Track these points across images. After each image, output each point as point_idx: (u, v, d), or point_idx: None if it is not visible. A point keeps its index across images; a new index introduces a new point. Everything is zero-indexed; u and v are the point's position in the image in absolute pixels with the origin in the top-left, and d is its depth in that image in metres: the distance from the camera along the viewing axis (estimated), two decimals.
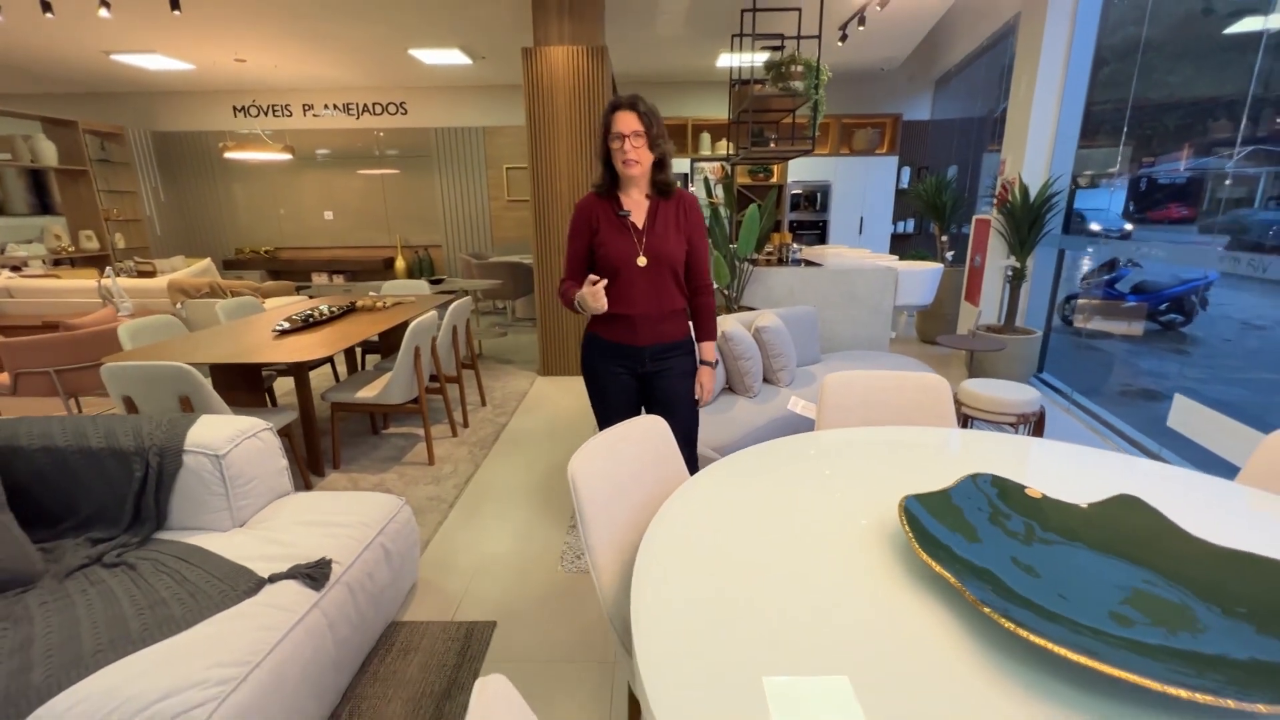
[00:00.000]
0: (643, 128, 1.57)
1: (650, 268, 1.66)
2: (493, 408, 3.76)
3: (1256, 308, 4.03)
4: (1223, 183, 3.45)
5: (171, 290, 4.51)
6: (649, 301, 1.67)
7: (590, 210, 1.69)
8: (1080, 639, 0.70)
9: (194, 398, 2.13)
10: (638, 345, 1.71)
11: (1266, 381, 3.65)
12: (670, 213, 1.69)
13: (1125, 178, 4.01)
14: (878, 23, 4.80)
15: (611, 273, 1.65)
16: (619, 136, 1.58)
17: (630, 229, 1.66)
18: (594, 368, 1.78)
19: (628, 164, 1.59)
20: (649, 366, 1.74)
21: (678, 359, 1.77)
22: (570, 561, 2.13)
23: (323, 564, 1.48)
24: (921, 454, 1.32)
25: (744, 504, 1.11)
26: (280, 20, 4.75)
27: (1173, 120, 3.78)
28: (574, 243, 1.73)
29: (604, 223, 1.67)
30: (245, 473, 1.70)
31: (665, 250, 1.66)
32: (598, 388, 1.78)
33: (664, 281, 1.68)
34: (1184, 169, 3.73)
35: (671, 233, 1.67)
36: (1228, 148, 3.43)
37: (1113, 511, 0.99)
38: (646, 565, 0.91)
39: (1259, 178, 3.32)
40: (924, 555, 0.86)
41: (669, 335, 1.74)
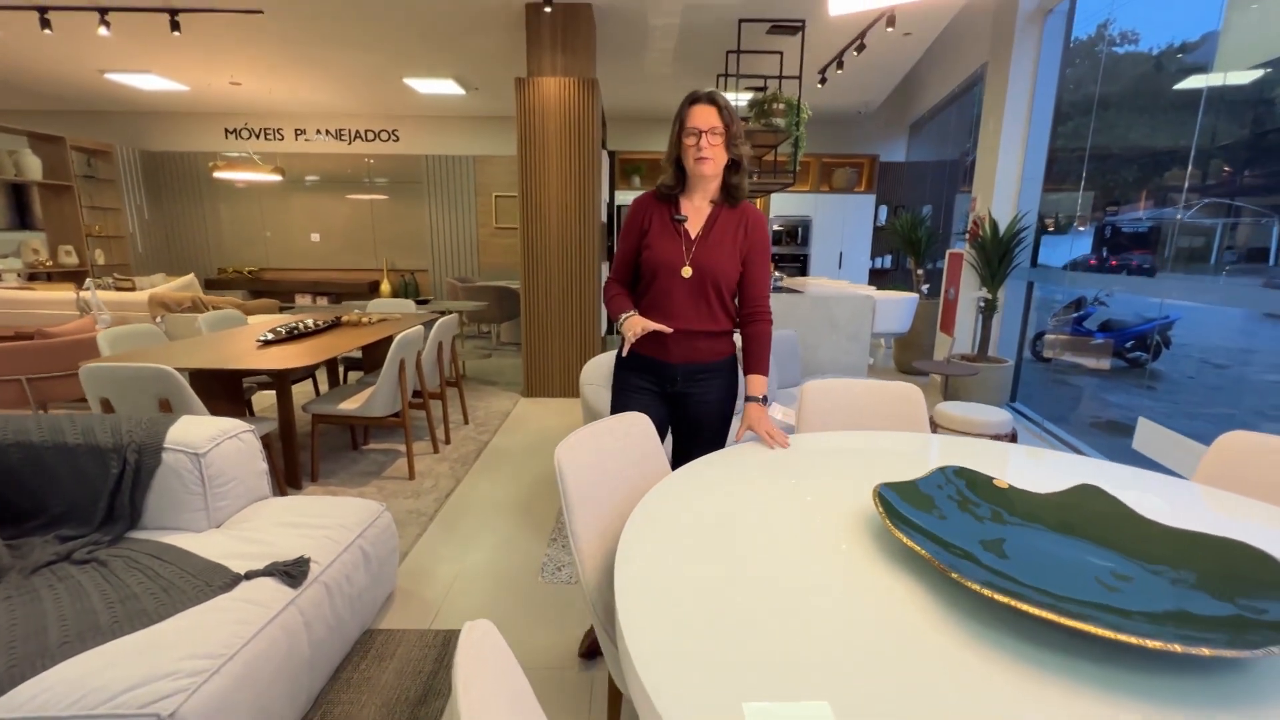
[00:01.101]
0: (722, 124, 1.43)
1: (694, 280, 1.50)
2: (475, 426, 3.74)
3: (1216, 348, 4.22)
4: (1178, 233, 3.66)
5: (152, 304, 4.46)
6: (686, 316, 1.51)
7: (645, 209, 1.57)
8: (1047, 600, 0.74)
9: (174, 400, 2.11)
10: (668, 362, 1.56)
11: (1226, 415, 3.80)
12: (730, 225, 1.53)
13: (1090, 225, 4.24)
14: (855, 67, 5.07)
15: (651, 278, 1.53)
16: (694, 132, 1.42)
17: (682, 235, 1.52)
18: (623, 381, 1.63)
19: (700, 162, 1.44)
20: (680, 387, 1.58)
21: (712, 382, 1.59)
22: (551, 573, 2.11)
23: (301, 562, 1.46)
24: (897, 454, 1.37)
25: (725, 494, 1.14)
26: (280, 45, 4.86)
27: (1130, 172, 4.04)
28: (624, 241, 1.60)
29: (656, 224, 1.54)
30: (225, 473, 1.68)
31: (714, 264, 1.50)
32: (619, 399, 1.64)
33: (706, 298, 1.52)
34: (1144, 218, 3.97)
35: (726, 247, 1.52)
36: (1178, 193, 3.66)
37: (1075, 499, 1.04)
38: (630, 542, 0.94)
39: (1215, 228, 3.53)
40: (897, 532, 0.90)
41: (705, 355, 1.57)
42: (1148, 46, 3.83)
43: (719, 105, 1.43)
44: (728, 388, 1.62)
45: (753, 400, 1.53)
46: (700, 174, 1.48)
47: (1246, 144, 3.20)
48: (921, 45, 4.72)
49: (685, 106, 1.45)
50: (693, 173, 1.49)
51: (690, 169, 1.48)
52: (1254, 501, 1.13)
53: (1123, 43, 4.03)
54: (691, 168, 1.47)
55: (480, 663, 0.54)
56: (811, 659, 0.69)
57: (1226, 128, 3.19)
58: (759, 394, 1.53)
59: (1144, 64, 3.88)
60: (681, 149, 1.47)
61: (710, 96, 1.44)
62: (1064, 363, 4.79)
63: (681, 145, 1.47)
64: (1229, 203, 3.31)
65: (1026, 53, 4.03)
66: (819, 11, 4.13)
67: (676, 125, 1.47)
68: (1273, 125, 3.04)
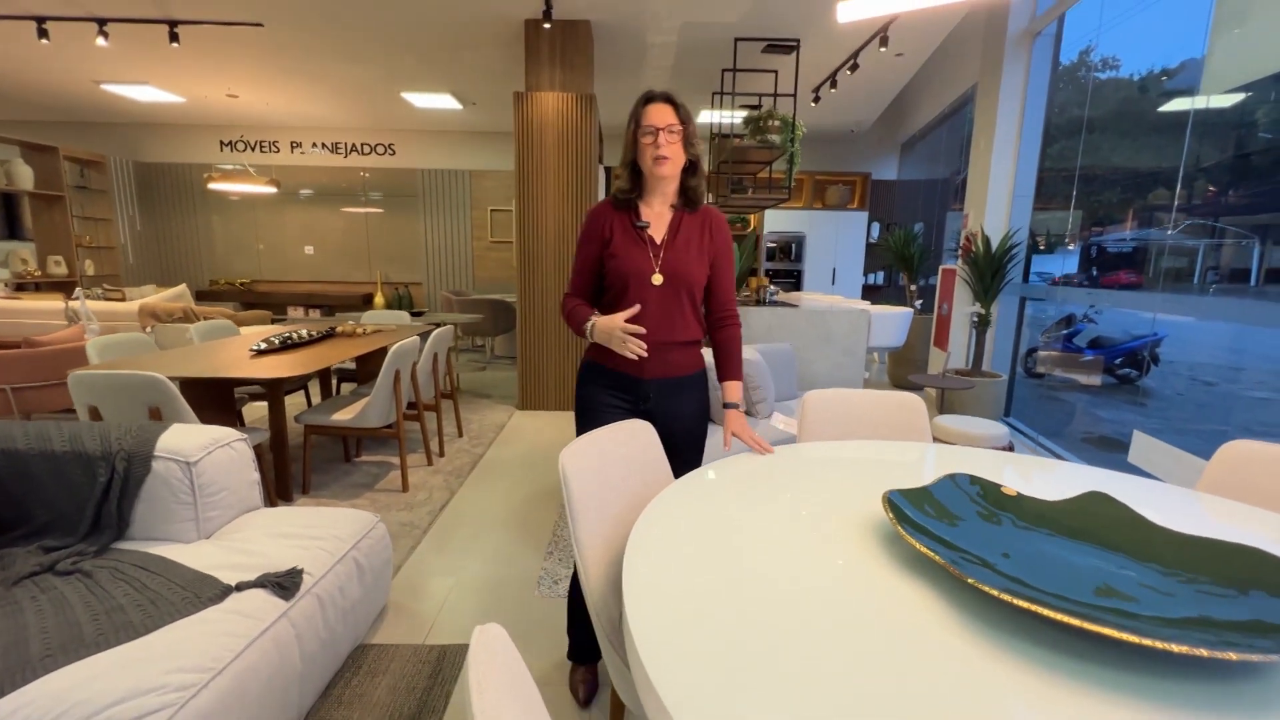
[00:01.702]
0: (679, 122, 1.37)
1: (666, 288, 1.43)
2: (469, 438, 3.70)
3: (1202, 365, 4.28)
4: (1164, 252, 3.74)
5: (142, 314, 4.41)
6: (659, 327, 1.43)
7: (604, 217, 1.48)
8: (1065, 605, 0.73)
9: (165, 409, 2.07)
10: (642, 378, 1.46)
11: (1215, 432, 3.84)
12: (694, 229, 1.48)
13: (1077, 244, 4.32)
14: (848, 87, 5.16)
15: (621, 289, 1.44)
16: (651, 131, 1.36)
17: (647, 242, 1.45)
18: (590, 399, 1.51)
19: (659, 162, 1.37)
20: (652, 403, 1.48)
21: (686, 397, 1.51)
22: (548, 586, 2.08)
23: (293, 573, 1.43)
24: (901, 463, 1.36)
25: (731, 501, 1.12)
26: (279, 58, 4.89)
27: (1114, 193, 4.12)
28: (582, 250, 1.51)
29: (618, 232, 1.46)
30: (216, 482, 1.65)
31: (685, 270, 1.44)
32: (590, 422, 1.48)
33: (679, 305, 1.45)
34: (1129, 238, 4.05)
35: (694, 251, 1.46)
36: (1162, 213, 3.73)
37: (1084, 506, 1.03)
38: (637, 550, 0.92)
39: (1197, 249, 3.61)
40: (910, 539, 0.88)
41: (678, 368, 1.49)
42: (1130, 72, 3.94)
43: (675, 104, 1.39)
44: (701, 403, 1.55)
45: (733, 407, 1.51)
46: (659, 174, 1.41)
47: (1229, 166, 3.27)
48: (913, 66, 4.81)
49: (640, 105, 1.40)
50: (651, 174, 1.42)
51: (648, 170, 1.41)
52: (1260, 510, 1.13)
53: (1104, 68, 4.14)
54: (650, 168, 1.40)
55: (493, 666, 0.52)
56: (833, 670, 0.67)
57: (1210, 150, 3.27)
58: (737, 400, 1.52)
59: (1126, 89, 3.98)
60: (638, 149, 1.41)
61: (666, 95, 1.39)
62: (1055, 378, 4.83)
63: (638, 145, 1.40)
64: (1213, 224, 3.38)
65: (1016, 73, 4.12)
66: (813, 31, 4.21)
67: (632, 125, 1.41)
68: (1254, 147, 3.11)
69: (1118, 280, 4.18)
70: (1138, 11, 3.68)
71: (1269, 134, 3.05)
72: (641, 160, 1.41)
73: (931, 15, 3.90)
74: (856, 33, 4.18)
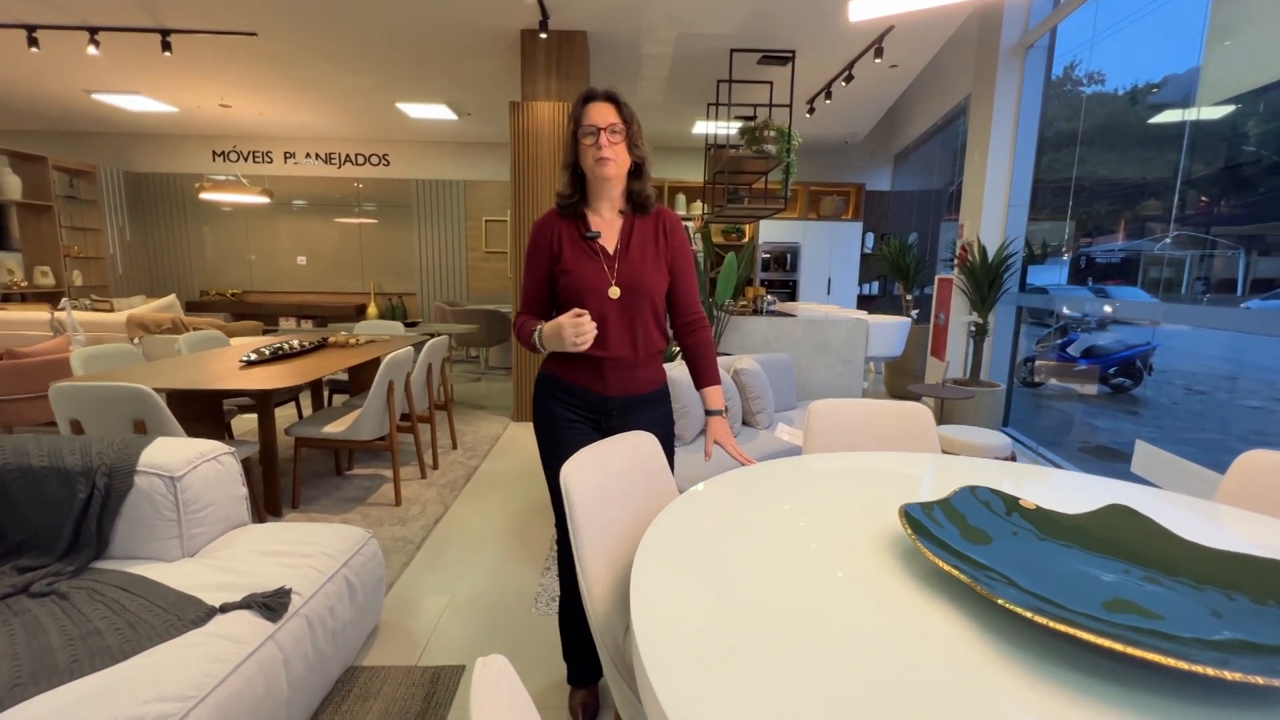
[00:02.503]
0: (621, 121, 1.31)
1: (624, 300, 1.35)
2: (464, 450, 3.64)
3: (1193, 374, 4.30)
4: (1157, 263, 3.78)
5: (130, 325, 4.34)
6: (623, 342, 1.36)
7: (550, 230, 1.39)
8: (1100, 626, 0.69)
9: (150, 422, 2.01)
10: (605, 395, 1.38)
11: (1212, 441, 3.83)
12: (648, 233, 1.39)
13: (1069, 255, 4.34)
14: (843, 98, 5.18)
15: (576, 306, 1.33)
16: (592, 131, 1.29)
17: (599, 253, 1.36)
18: (548, 415, 1.41)
19: (601, 163, 1.30)
20: (614, 421, 1.40)
21: (650, 414, 1.44)
22: (545, 604, 2.02)
23: (281, 593, 1.37)
24: (912, 475, 1.32)
25: (739, 516, 1.08)
26: (272, 68, 4.86)
27: (1103, 205, 4.15)
28: (531, 269, 1.41)
29: (567, 245, 1.37)
30: (202, 497, 1.59)
31: (643, 279, 1.36)
32: (551, 439, 1.40)
33: (641, 317, 1.37)
34: (1118, 249, 4.07)
35: (650, 257, 1.38)
36: (1154, 224, 3.76)
37: (1106, 518, 0.99)
38: (644, 570, 0.87)
39: (1184, 259, 3.65)
40: (931, 556, 0.84)
41: (642, 385, 1.42)
42: (1115, 86, 3.98)
43: (618, 103, 1.32)
44: (665, 420, 1.48)
45: (715, 414, 1.43)
46: (602, 176, 1.32)
47: (1214, 178, 3.30)
48: (908, 77, 4.84)
49: (580, 105, 1.32)
50: (594, 176, 1.34)
51: (590, 171, 1.33)
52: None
53: (1089, 83, 4.19)
54: (592, 169, 1.32)
55: (498, 703, 0.47)
56: (857, 694, 0.63)
57: (1198, 162, 3.30)
58: (719, 407, 1.44)
59: (1110, 103, 4.02)
60: (579, 150, 1.33)
61: (608, 93, 1.32)
62: (1050, 388, 4.82)
63: (579, 146, 1.33)
64: (1206, 235, 3.40)
65: (1009, 84, 4.15)
66: (809, 43, 4.23)
67: (572, 125, 1.33)
68: (1238, 159, 3.14)
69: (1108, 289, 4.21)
70: (1127, 25, 3.72)
71: (1251, 146, 3.09)
72: (583, 162, 1.34)
73: (927, 27, 3.92)
74: (852, 44, 4.20)
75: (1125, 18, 3.71)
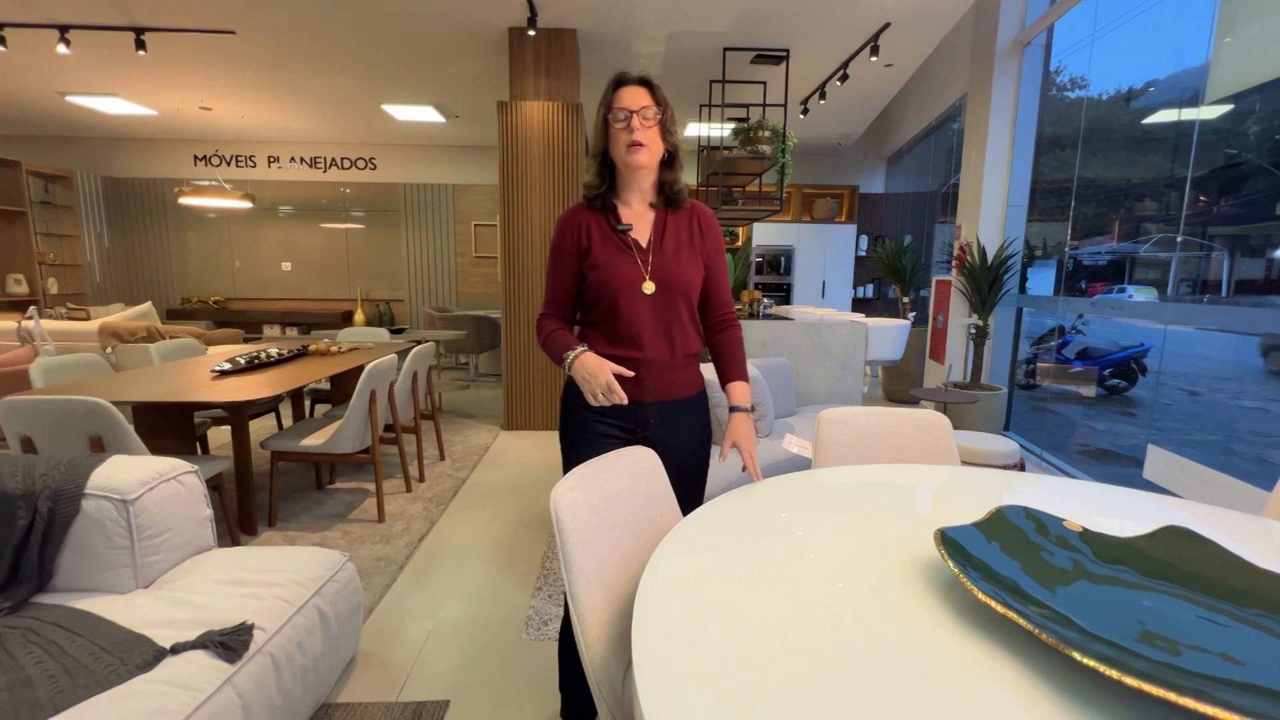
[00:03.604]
0: (655, 105, 1.22)
1: (659, 296, 1.27)
2: (452, 461, 3.50)
3: (1186, 375, 4.26)
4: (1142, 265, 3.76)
5: (103, 334, 4.17)
6: (658, 341, 1.27)
7: (578, 224, 1.30)
8: (1191, 683, 0.58)
9: (108, 438, 1.87)
10: (641, 401, 1.28)
11: (1210, 443, 3.77)
12: (682, 228, 1.32)
13: (1056, 258, 4.29)
14: (837, 98, 5.11)
15: (609, 303, 1.26)
16: (624, 114, 1.21)
17: (632, 247, 1.28)
18: (579, 426, 1.31)
19: (633, 149, 1.21)
20: (651, 430, 1.31)
21: (688, 421, 1.35)
22: (536, 628, 1.89)
23: (241, 630, 1.23)
24: (934, 490, 1.21)
25: (751, 542, 0.96)
26: (252, 68, 4.72)
27: (1091, 207, 4.10)
28: (558, 266, 1.32)
29: (597, 239, 1.28)
30: (158, 522, 1.45)
31: (678, 274, 1.28)
32: (580, 453, 1.28)
33: (677, 315, 1.29)
34: (1105, 251, 4.03)
35: (685, 253, 1.30)
36: (1158, 224, 3.71)
37: (1164, 544, 0.89)
38: (648, 607, 0.75)
39: (1169, 261, 3.60)
40: (981, 595, 0.73)
41: (681, 389, 1.32)
42: (1112, 86, 3.93)
43: (651, 86, 1.24)
44: (704, 427, 1.39)
45: (740, 410, 1.32)
46: (634, 164, 1.23)
47: (1213, 176, 3.25)
48: (903, 76, 4.78)
49: (611, 89, 1.24)
50: (625, 164, 1.25)
51: (621, 160, 1.24)
52: None
53: (1073, 88, 4.15)
54: (623, 157, 1.23)
55: None
56: None
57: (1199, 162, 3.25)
58: (745, 404, 1.33)
59: (1096, 107, 3.97)
60: (609, 137, 1.25)
61: (641, 77, 1.24)
62: (1046, 390, 4.76)
63: (609, 132, 1.24)
64: (1200, 241, 3.36)
65: (1007, 83, 4.09)
66: (803, 41, 4.15)
67: (602, 110, 1.25)
68: (1222, 163, 3.09)
69: (1093, 293, 4.16)
70: (1124, 22, 3.67)
71: (1234, 149, 3.05)
72: (613, 150, 1.25)
73: (924, 23, 3.85)
74: (847, 42, 4.12)
75: (1122, 15, 3.65)
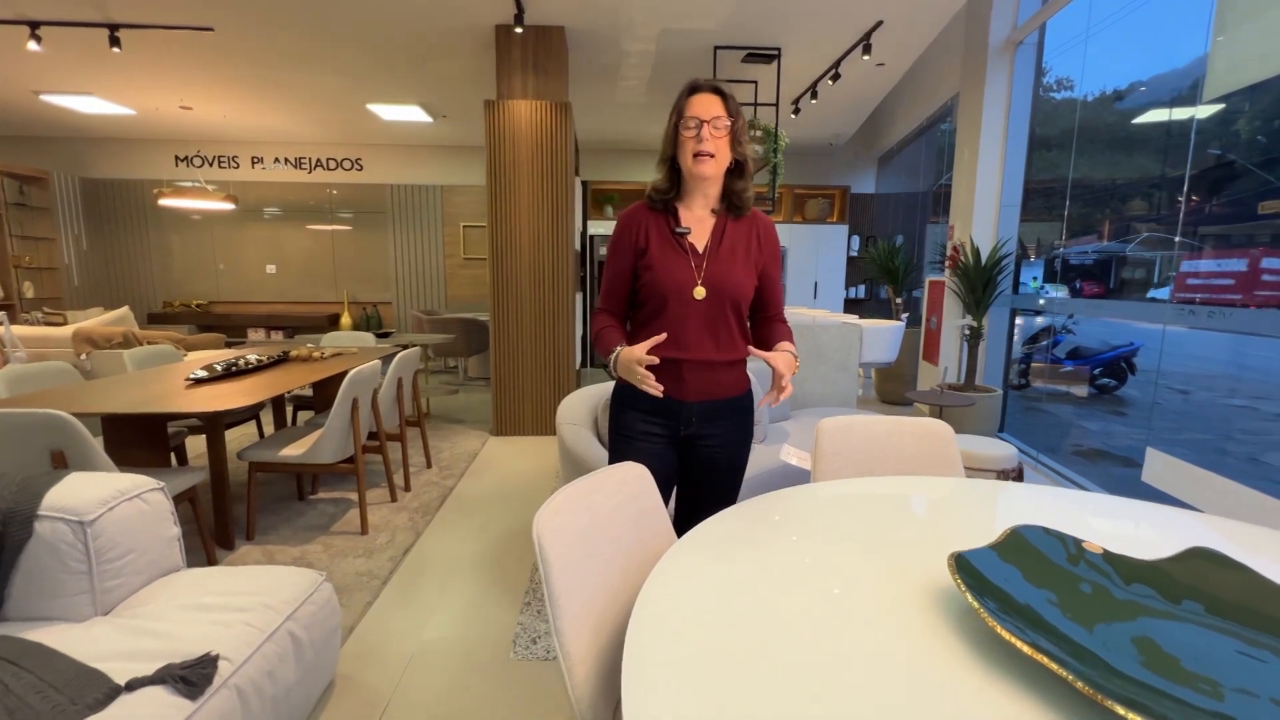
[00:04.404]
0: (726, 115, 1.25)
1: (709, 302, 1.29)
2: (439, 469, 3.41)
3: (1174, 374, 4.26)
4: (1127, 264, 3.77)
5: (77, 340, 4.04)
6: (703, 344, 1.31)
7: (638, 222, 1.33)
8: None
9: (71, 453, 1.77)
10: (684, 400, 1.33)
11: (1200, 442, 3.75)
12: (741, 237, 1.34)
13: (1042, 258, 4.28)
14: (829, 98, 5.07)
15: (659, 304, 1.30)
16: (694, 122, 1.23)
17: (688, 251, 1.31)
18: (625, 426, 1.37)
19: (700, 158, 1.24)
20: (693, 429, 1.35)
21: (730, 423, 1.38)
22: (525, 646, 1.81)
23: (205, 662, 1.15)
24: (942, 505, 1.15)
25: (751, 565, 0.89)
26: (233, 66, 4.61)
27: (1078, 207, 4.09)
28: (614, 262, 1.36)
29: (655, 239, 1.31)
30: (119, 544, 1.36)
31: (730, 282, 1.30)
32: (623, 451, 1.37)
33: (724, 321, 1.32)
34: (1091, 251, 4.02)
35: (740, 261, 1.32)
36: (1154, 223, 3.70)
37: (1194, 569, 0.83)
38: (640, 646, 0.68)
39: (1154, 260, 3.62)
40: (1005, 632, 0.66)
41: (724, 390, 1.36)
42: (1100, 87, 3.92)
43: (724, 95, 1.26)
44: (744, 428, 1.41)
45: (787, 351, 1.31)
46: (700, 174, 1.26)
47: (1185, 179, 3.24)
48: (895, 76, 4.75)
49: (684, 96, 1.26)
50: (691, 173, 1.27)
51: (688, 168, 1.27)
52: None
53: (1059, 89, 4.14)
54: (690, 166, 1.26)
55: None
56: None
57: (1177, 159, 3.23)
58: (791, 350, 1.32)
59: (1085, 107, 3.96)
60: (678, 144, 1.27)
61: (714, 85, 1.26)
62: (1037, 390, 4.74)
63: (678, 139, 1.26)
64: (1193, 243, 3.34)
65: (999, 82, 4.06)
66: (795, 40, 4.10)
67: (674, 117, 1.27)
68: (1207, 164, 3.07)
69: (1080, 293, 4.15)
70: (1116, 21, 3.65)
71: (1216, 150, 3.03)
72: (681, 157, 1.28)
73: (917, 22, 3.81)
74: (839, 41, 4.08)
75: (1111, 15, 3.63)
